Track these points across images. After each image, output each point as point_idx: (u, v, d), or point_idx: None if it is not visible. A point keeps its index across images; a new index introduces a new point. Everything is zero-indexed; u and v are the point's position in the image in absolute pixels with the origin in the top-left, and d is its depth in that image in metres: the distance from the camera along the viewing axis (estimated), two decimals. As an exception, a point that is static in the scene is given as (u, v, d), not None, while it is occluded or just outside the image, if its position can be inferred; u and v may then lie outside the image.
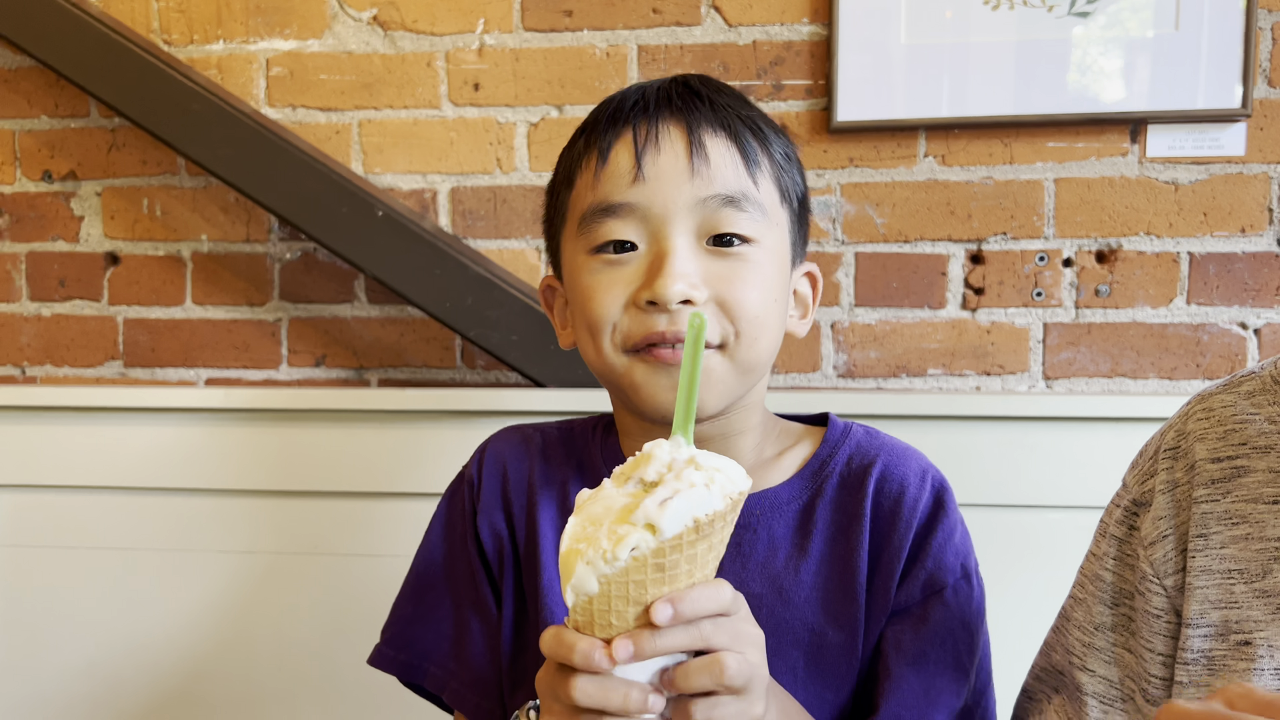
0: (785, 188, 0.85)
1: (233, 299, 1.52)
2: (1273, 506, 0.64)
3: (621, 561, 0.58)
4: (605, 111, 0.84)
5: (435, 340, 1.48)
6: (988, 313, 1.37)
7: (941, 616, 0.82)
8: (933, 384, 1.39)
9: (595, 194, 0.81)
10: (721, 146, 0.80)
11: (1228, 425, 0.68)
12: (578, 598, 0.60)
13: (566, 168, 0.86)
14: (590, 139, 0.83)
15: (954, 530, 0.84)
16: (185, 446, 1.40)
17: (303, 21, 1.47)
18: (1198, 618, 0.65)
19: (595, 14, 1.41)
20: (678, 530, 0.59)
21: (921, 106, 1.34)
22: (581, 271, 0.82)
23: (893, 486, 0.84)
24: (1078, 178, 1.34)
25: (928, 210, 1.37)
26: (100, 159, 1.53)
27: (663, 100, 0.82)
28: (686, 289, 0.77)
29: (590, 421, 0.95)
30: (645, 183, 0.79)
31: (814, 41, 1.37)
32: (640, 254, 0.80)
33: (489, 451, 0.94)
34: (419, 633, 0.91)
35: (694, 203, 0.79)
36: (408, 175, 1.47)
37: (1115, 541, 0.73)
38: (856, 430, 0.90)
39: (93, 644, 1.43)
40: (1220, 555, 0.65)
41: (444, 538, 0.93)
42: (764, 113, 0.87)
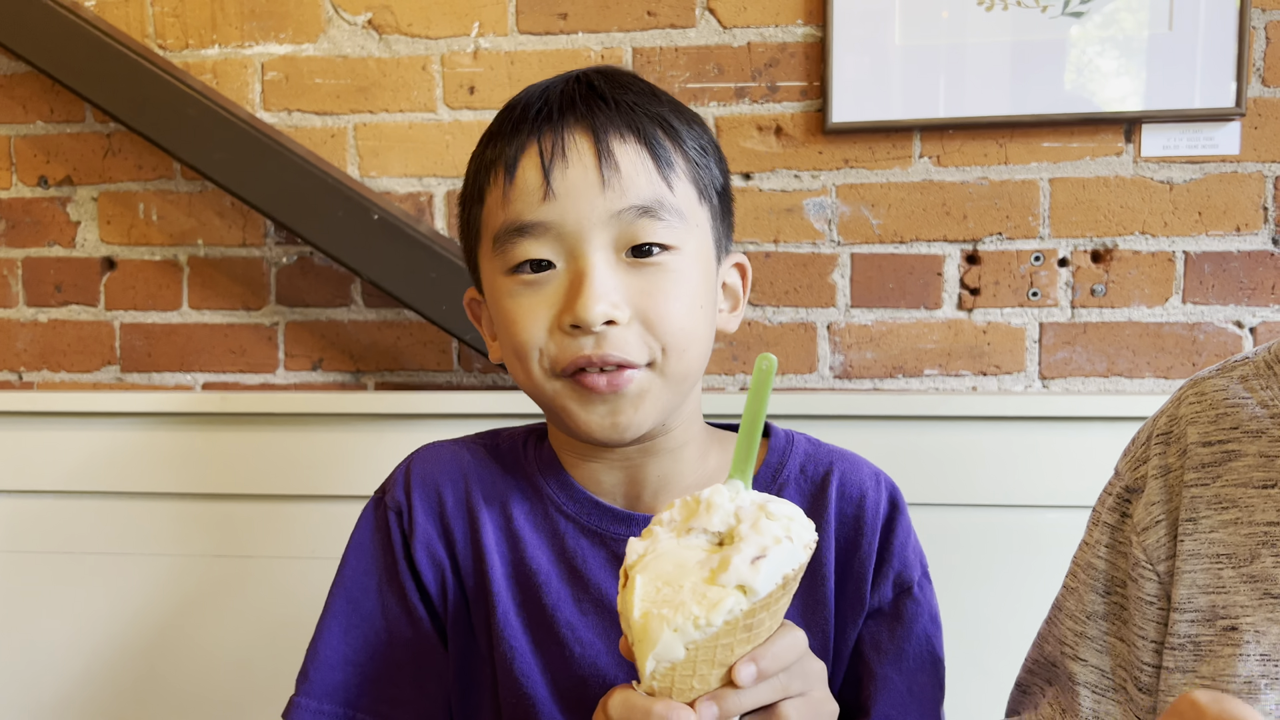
0: (703, 184, 0.81)
1: (229, 303, 1.52)
2: (1262, 491, 0.64)
3: (715, 627, 0.56)
4: (508, 120, 0.80)
5: (432, 343, 1.48)
6: (984, 313, 1.37)
7: (913, 613, 0.83)
8: (929, 384, 1.39)
9: (506, 213, 0.78)
10: (631, 153, 0.77)
11: (1220, 409, 0.68)
12: (659, 664, 0.57)
13: (475, 182, 0.83)
14: (495, 152, 0.80)
15: (910, 530, 0.86)
16: (182, 451, 1.40)
17: (297, 25, 1.47)
18: (1185, 602, 0.65)
19: (590, 16, 1.41)
20: (770, 589, 0.57)
21: (916, 107, 1.34)
22: (501, 294, 0.79)
23: (853, 493, 0.85)
24: (1073, 178, 1.35)
25: (923, 211, 1.37)
26: (96, 164, 1.53)
27: (566, 105, 0.78)
28: (608, 309, 0.74)
29: (519, 433, 0.92)
30: (556, 199, 0.76)
31: (808, 43, 1.37)
32: (559, 272, 0.77)
33: (416, 474, 0.87)
34: (345, 678, 0.85)
35: (608, 216, 0.75)
36: (403, 179, 1.47)
37: (1108, 529, 0.73)
38: (799, 438, 0.89)
39: (89, 649, 1.43)
40: (1209, 540, 0.65)
41: (370, 570, 0.86)
42: (677, 103, 0.84)
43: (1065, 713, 0.73)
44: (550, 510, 0.85)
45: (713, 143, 0.84)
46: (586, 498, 0.85)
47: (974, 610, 1.26)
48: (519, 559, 0.84)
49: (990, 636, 1.25)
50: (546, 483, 0.86)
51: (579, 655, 0.81)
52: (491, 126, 0.83)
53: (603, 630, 0.82)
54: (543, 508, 0.85)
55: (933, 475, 1.29)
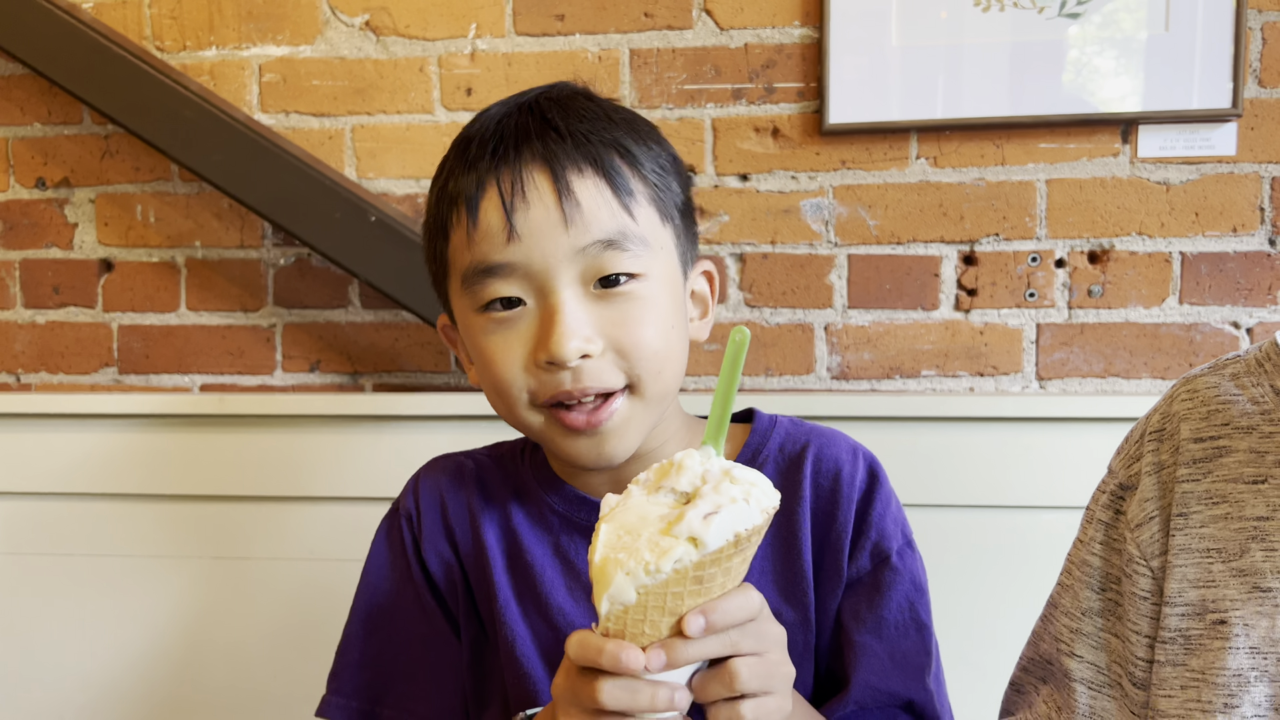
0: (664, 205, 0.82)
1: (227, 305, 1.52)
2: (1252, 486, 0.65)
3: (664, 574, 0.59)
4: (464, 157, 0.81)
5: (429, 344, 1.49)
6: (981, 314, 1.38)
7: (892, 581, 0.84)
8: (926, 385, 1.39)
9: (472, 254, 0.78)
10: (590, 186, 0.77)
11: (1211, 405, 0.69)
12: (612, 606, 0.60)
13: (438, 216, 0.83)
14: (455, 189, 0.80)
15: (890, 500, 0.87)
16: (180, 453, 1.40)
17: (295, 27, 1.47)
18: (1175, 596, 0.65)
19: (587, 18, 1.41)
20: (720, 545, 0.60)
21: (913, 108, 1.34)
22: (475, 331, 0.81)
23: (828, 467, 0.86)
24: (1069, 178, 1.35)
25: (920, 212, 1.37)
26: (93, 166, 1.53)
27: (521, 139, 0.78)
28: (581, 344, 0.76)
29: (518, 444, 0.96)
30: (520, 241, 0.76)
31: (805, 44, 1.37)
32: (529, 309, 0.78)
33: (423, 484, 0.93)
34: (370, 677, 0.91)
35: (573, 253, 0.76)
36: (401, 180, 1.47)
37: (1102, 526, 0.73)
38: (783, 420, 0.91)
39: (87, 652, 1.43)
40: (1199, 534, 0.66)
41: (387, 576, 0.92)
42: (633, 120, 0.84)
43: (1061, 710, 0.73)
44: (544, 510, 0.90)
45: (671, 157, 0.85)
46: (576, 496, 0.89)
47: (969, 611, 1.27)
48: (516, 552, 0.88)
49: (986, 637, 1.25)
50: (540, 485, 0.91)
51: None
52: (449, 158, 0.83)
53: (592, 614, 0.85)
54: (538, 508, 0.90)
55: (930, 476, 1.29)
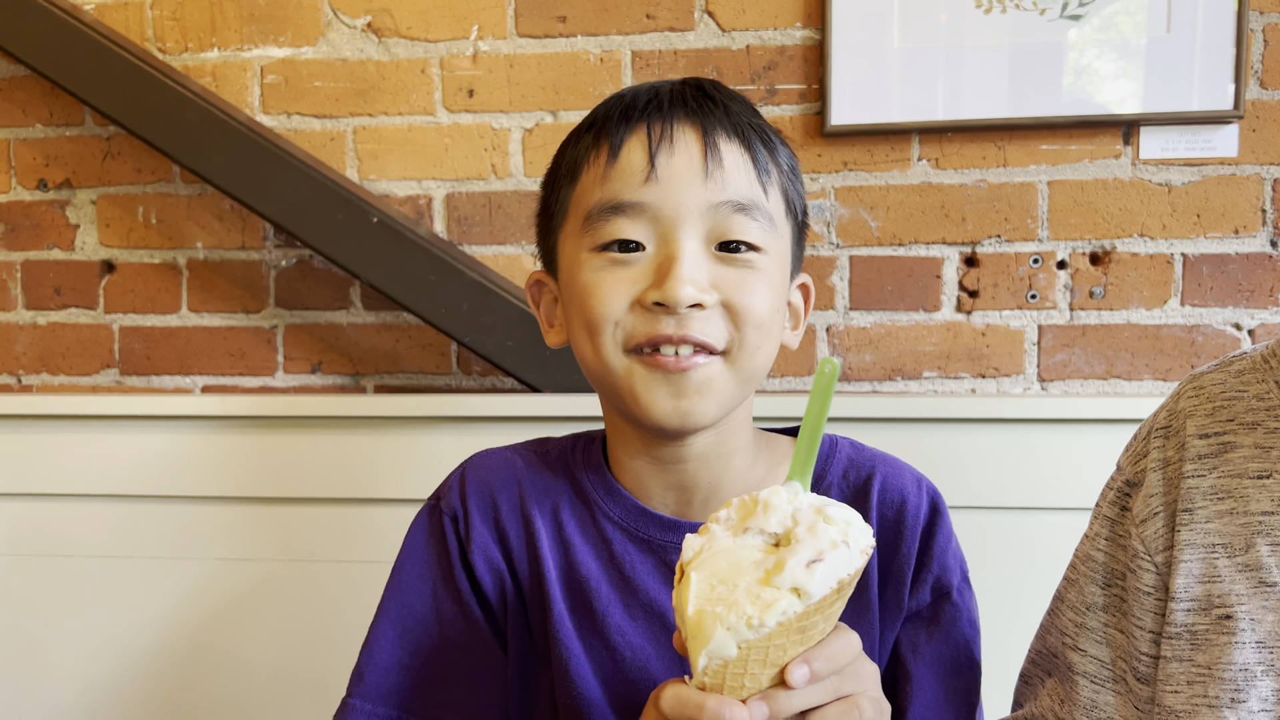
0: (791, 199, 0.83)
1: (228, 306, 1.52)
2: (1257, 481, 0.65)
3: (768, 628, 0.56)
4: (617, 107, 0.81)
5: (431, 346, 1.49)
6: (982, 315, 1.38)
7: (952, 617, 0.83)
8: (928, 387, 1.39)
9: (604, 191, 0.78)
10: (735, 152, 0.79)
11: (1217, 402, 0.69)
12: (711, 661, 0.57)
13: (571, 162, 0.83)
14: (600, 134, 0.80)
15: (951, 535, 0.86)
16: (181, 454, 1.40)
17: (297, 29, 1.47)
18: (1182, 592, 0.66)
19: (589, 20, 1.41)
20: (825, 594, 0.57)
21: (915, 110, 1.35)
22: (583, 268, 0.80)
23: (894, 497, 0.85)
24: (1071, 180, 1.35)
25: (922, 213, 1.37)
26: (95, 167, 1.53)
27: (677, 100, 0.80)
28: (696, 293, 0.75)
29: (566, 442, 0.92)
30: (658, 183, 0.77)
31: (807, 46, 1.37)
32: (648, 255, 0.78)
33: (471, 481, 0.88)
34: (399, 682, 0.85)
35: (706, 207, 0.77)
36: (403, 181, 1.47)
37: (1108, 522, 0.74)
38: (843, 443, 0.89)
39: (88, 653, 1.43)
40: (1205, 530, 0.66)
41: (425, 575, 0.87)
42: (770, 124, 0.87)
43: (1064, 702, 0.73)
44: (598, 516, 0.86)
45: (799, 168, 0.87)
46: (634, 505, 0.85)
47: (973, 612, 1.26)
48: (569, 565, 0.85)
49: (989, 638, 1.25)
50: (594, 489, 0.87)
51: (629, 659, 0.82)
52: (595, 113, 0.83)
53: (652, 635, 0.83)
54: (590, 515, 0.86)
55: (932, 478, 1.27)
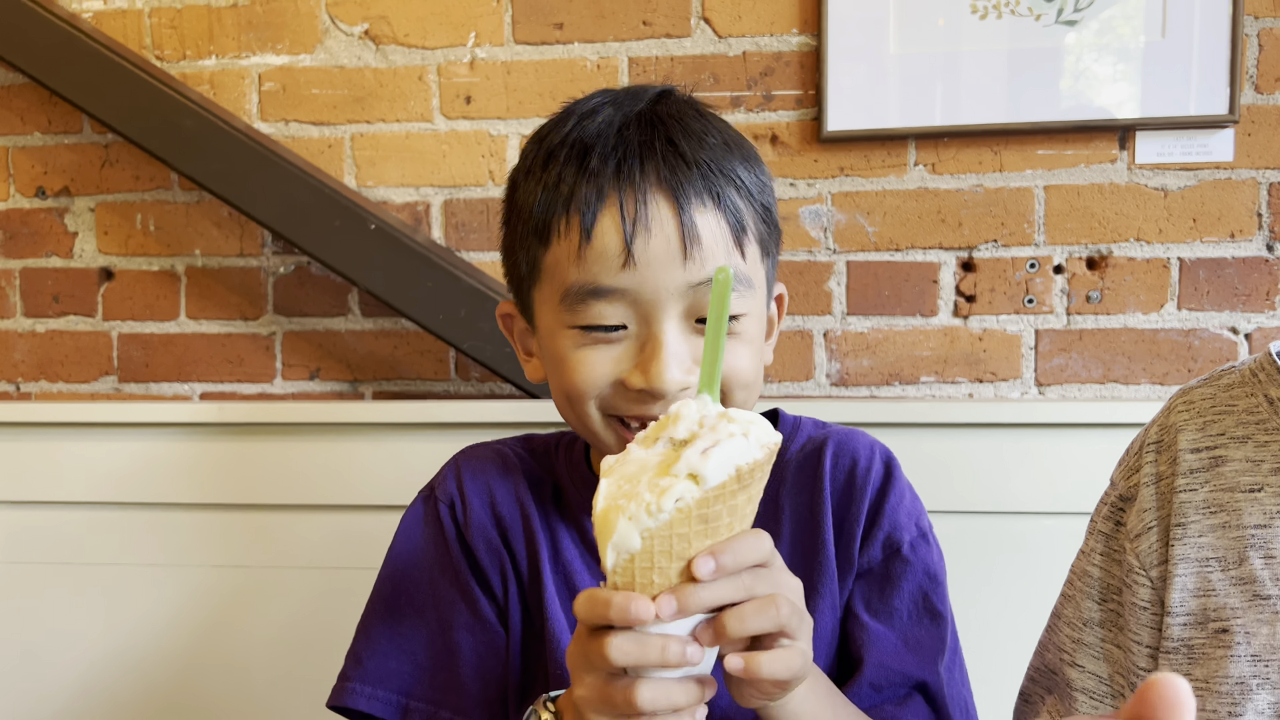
0: (766, 241, 0.82)
1: (227, 313, 1.52)
2: (1248, 495, 0.66)
3: (666, 513, 0.57)
4: (582, 164, 0.77)
5: (429, 353, 1.49)
6: (979, 320, 1.38)
7: (902, 571, 0.85)
8: (925, 391, 1.39)
9: (580, 273, 0.76)
10: (711, 222, 0.76)
11: (1207, 416, 0.70)
12: (619, 556, 0.58)
13: (539, 218, 0.79)
14: (568, 200, 0.76)
15: (904, 493, 0.88)
16: (180, 461, 1.40)
17: (294, 36, 1.47)
18: (1177, 606, 0.66)
19: (586, 26, 1.42)
20: (721, 479, 0.57)
21: (911, 115, 1.35)
22: (562, 342, 0.79)
23: (845, 461, 0.87)
24: (1067, 184, 1.35)
25: (918, 218, 1.38)
26: (93, 175, 1.53)
27: (647, 159, 0.76)
28: (682, 377, 0.75)
29: (551, 439, 0.94)
30: (636, 268, 0.75)
31: (803, 52, 1.38)
32: (630, 333, 0.77)
33: (466, 470, 0.90)
34: (399, 665, 0.87)
35: (685, 287, 0.75)
36: (400, 188, 1.48)
37: (1102, 538, 0.75)
38: (805, 421, 0.92)
39: (87, 660, 1.43)
40: (1198, 544, 0.67)
41: (422, 563, 0.89)
42: (738, 140, 0.83)
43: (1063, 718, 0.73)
44: (578, 511, 0.88)
45: (769, 182, 0.84)
46: None
47: (971, 617, 1.26)
48: (556, 549, 0.87)
49: (988, 644, 1.25)
50: (574, 483, 0.89)
51: None
52: (557, 153, 0.79)
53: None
54: (572, 509, 0.89)
55: (929, 483, 1.28)
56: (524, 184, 0.82)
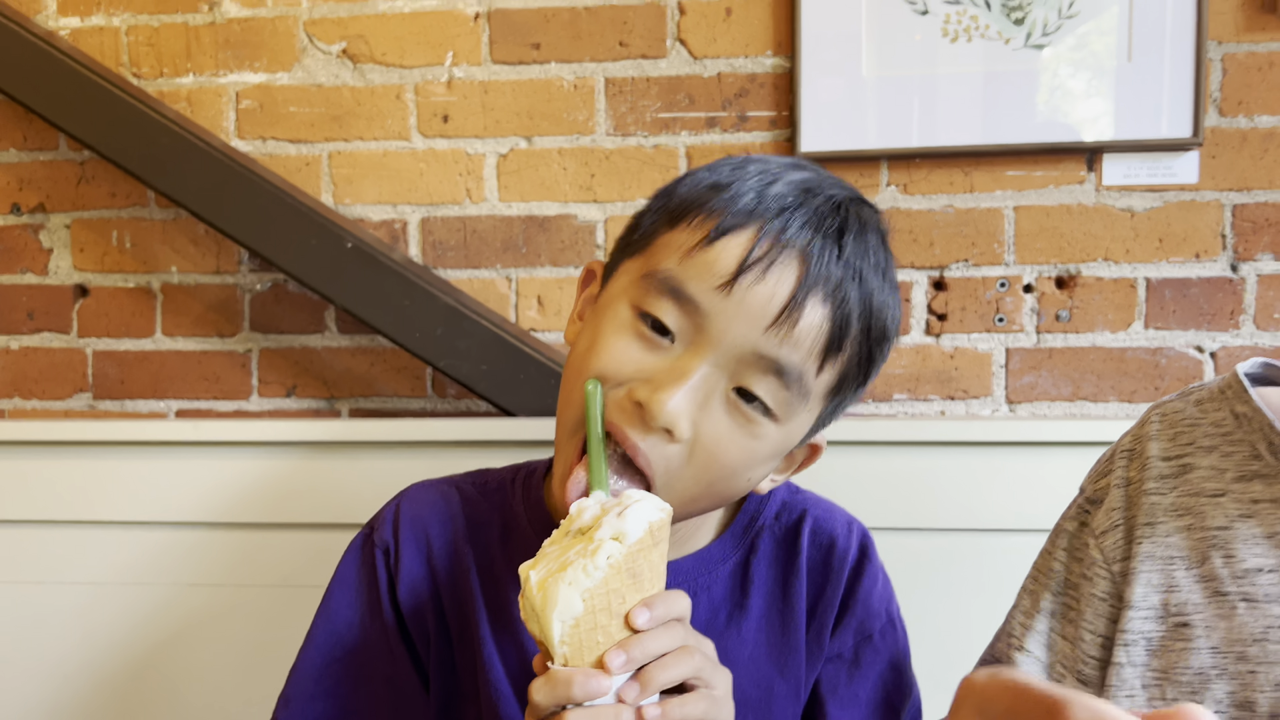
0: (847, 380, 0.78)
1: (203, 330, 1.52)
2: (1212, 499, 0.71)
3: (601, 570, 0.63)
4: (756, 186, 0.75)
5: (406, 370, 1.49)
6: (951, 338, 1.40)
7: (871, 659, 0.86)
8: (898, 409, 1.41)
9: (679, 268, 0.74)
10: (816, 319, 0.73)
11: (1178, 428, 0.76)
12: (564, 626, 0.62)
13: (685, 203, 0.77)
14: (718, 205, 0.75)
15: (878, 577, 0.89)
16: (155, 479, 1.40)
17: (272, 55, 1.48)
18: (1140, 600, 0.71)
19: (562, 47, 1.43)
20: (640, 534, 0.64)
21: (883, 137, 1.37)
22: (617, 314, 0.76)
23: (823, 540, 0.87)
24: (1037, 205, 1.37)
25: (891, 238, 1.39)
26: (69, 191, 1.53)
27: (809, 225, 0.73)
28: (676, 422, 0.71)
29: (506, 473, 0.92)
30: (727, 300, 0.72)
31: (777, 74, 1.40)
32: (672, 349, 0.74)
33: (404, 515, 0.88)
34: (324, 709, 0.85)
35: (749, 350, 0.72)
36: (378, 206, 1.48)
37: (1067, 535, 0.80)
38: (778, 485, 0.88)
39: (61, 677, 1.43)
40: (1165, 543, 0.72)
41: (353, 605, 0.87)
42: (894, 280, 0.81)
43: None
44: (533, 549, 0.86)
45: (889, 331, 0.80)
46: None
47: (940, 634, 1.28)
48: (500, 604, 0.84)
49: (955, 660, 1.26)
50: (529, 517, 0.87)
51: None
52: (748, 167, 0.78)
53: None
54: (526, 549, 0.84)
55: (902, 500, 1.31)
56: (700, 173, 0.80)
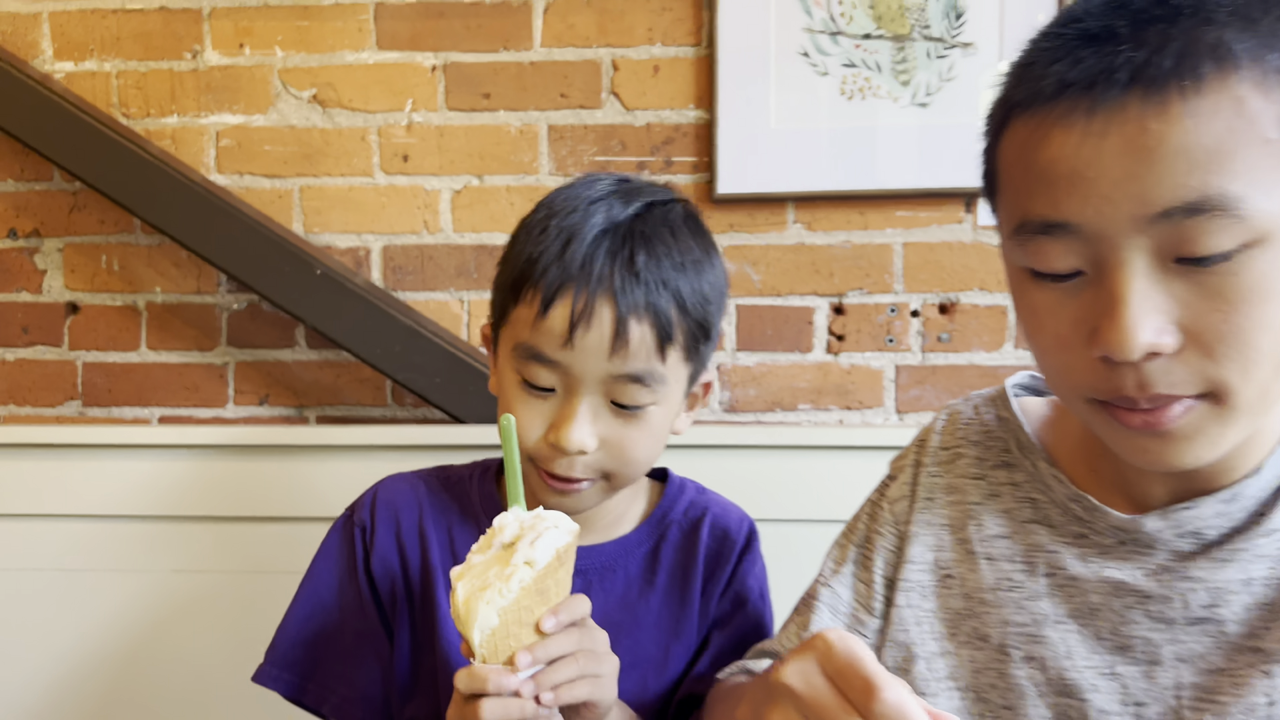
0: (694, 346, 0.96)
1: (184, 345, 1.68)
2: (973, 481, 0.88)
3: (514, 593, 0.77)
4: (562, 248, 0.91)
5: (368, 382, 1.66)
6: (848, 356, 1.60)
7: (741, 622, 1.05)
8: (803, 417, 1.61)
9: (532, 337, 0.92)
10: (643, 332, 0.91)
11: (956, 424, 0.93)
12: (483, 634, 0.77)
13: (518, 278, 0.94)
14: (539, 277, 0.92)
15: (756, 562, 1.08)
16: (140, 478, 1.54)
17: (249, 99, 1.65)
18: (917, 557, 0.87)
19: (510, 97, 1.61)
20: (548, 559, 0.78)
21: (789, 181, 1.56)
22: (508, 380, 0.96)
23: (719, 531, 1.07)
24: (922, 242, 1.58)
25: (796, 269, 1.59)
26: (62, 219, 1.68)
27: (605, 271, 0.90)
28: (580, 445, 0.92)
29: (466, 469, 1.11)
30: (572, 350, 0.90)
31: (699, 125, 1.59)
32: (557, 396, 0.93)
33: (380, 500, 1.06)
34: (303, 655, 1.03)
35: (606, 375, 0.91)
36: (344, 235, 1.65)
37: (870, 503, 0.96)
38: (689, 486, 1.11)
39: (56, 658, 1.57)
40: (938, 513, 0.88)
41: (334, 572, 1.05)
42: (700, 264, 0.96)
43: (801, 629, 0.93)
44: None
45: (720, 291, 0.99)
46: None
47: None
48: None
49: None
50: (484, 509, 1.06)
51: None
52: (550, 227, 0.94)
53: None
54: (478, 531, 1.00)
55: (806, 496, 1.50)
56: (524, 240, 0.96)
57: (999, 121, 0.72)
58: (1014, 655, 0.80)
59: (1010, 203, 0.71)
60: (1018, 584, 0.82)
